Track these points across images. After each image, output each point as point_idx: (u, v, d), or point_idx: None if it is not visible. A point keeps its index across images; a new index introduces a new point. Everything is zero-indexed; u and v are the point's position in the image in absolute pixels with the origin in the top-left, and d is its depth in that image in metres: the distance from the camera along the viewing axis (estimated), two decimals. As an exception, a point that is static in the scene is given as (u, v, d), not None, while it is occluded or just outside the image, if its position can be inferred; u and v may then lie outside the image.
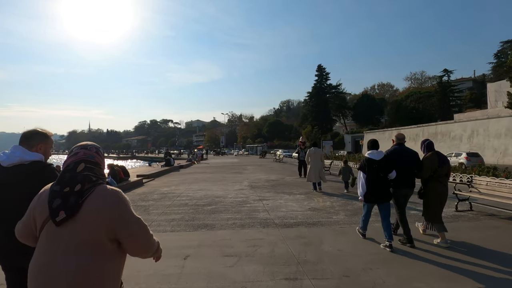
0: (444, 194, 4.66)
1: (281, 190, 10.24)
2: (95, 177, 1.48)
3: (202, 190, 10.49)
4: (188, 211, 7.16)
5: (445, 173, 4.67)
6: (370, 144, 4.76)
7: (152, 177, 15.21)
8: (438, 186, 4.61)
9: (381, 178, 4.49)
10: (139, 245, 1.51)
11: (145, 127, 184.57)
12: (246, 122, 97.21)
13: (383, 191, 4.52)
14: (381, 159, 4.52)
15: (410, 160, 4.70)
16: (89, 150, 1.57)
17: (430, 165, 4.59)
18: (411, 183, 4.70)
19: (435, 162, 4.57)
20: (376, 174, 4.48)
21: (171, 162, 21.71)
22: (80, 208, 1.39)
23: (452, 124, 33.90)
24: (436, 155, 4.64)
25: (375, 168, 4.47)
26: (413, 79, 79.73)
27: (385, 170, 4.49)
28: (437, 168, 4.57)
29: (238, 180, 13.57)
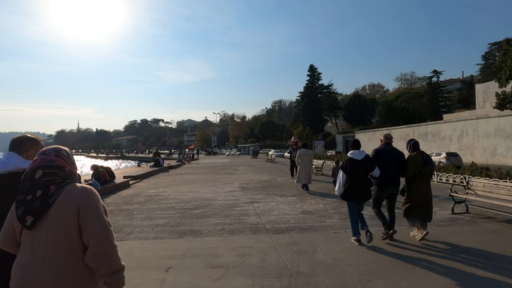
0: (426, 193, 4.72)
1: (273, 191, 9.92)
2: (60, 179, 1.50)
3: (190, 192, 10.09)
4: (174, 216, 6.77)
5: (428, 173, 4.77)
6: (352, 144, 4.85)
7: (140, 178, 14.71)
8: (421, 185, 4.70)
9: (362, 177, 4.56)
10: (96, 247, 1.44)
11: (136, 127, 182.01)
12: (238, 122, 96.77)
13: (364, 190, 4.59)
14: (363, 159, 4.56)
15: (396, 160, 4.76)
16: (47, 155, 1.56)
17: (414, 164, 4.66)
18: (396, 182, 4.76)
19: (419, 162, 4.65)
20: (358, 173, 4.53)
21: (160, 162, 21.17)
22: (48, 210, 1.43)
23: (442, 124, 34.22)
24: (421, 155, 4.72)
25: (357, 168, 4.52)
26: (403, 80, 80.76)
27: (367, 170, 4.56)
28: (421, 168, 4.64)
29: (228, 181, 13.20)
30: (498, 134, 26.80)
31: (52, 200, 1.44)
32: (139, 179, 14.38)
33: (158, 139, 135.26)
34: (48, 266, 1.40)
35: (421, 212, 4.67)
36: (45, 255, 1.41)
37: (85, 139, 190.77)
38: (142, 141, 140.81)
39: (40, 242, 1.43)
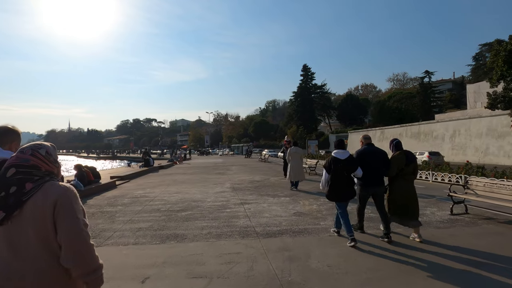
0: (409, 191, 4.75)
1: (265, 192, 9.55)
2: (38, 177, 1.45)
3: (179, 193, 9.65)
4: (159, 218, 6.34)
5: (412, 172, 4.80)
6: (336, 144, 4.89)
7: (128, 178, 14.19)
8: (404, 183, 4.73)
9: (346, 177, 4.59)
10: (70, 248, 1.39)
11: (128, 126, 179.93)
12: (232, 122, 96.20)
13: (347, 189, 4.61)
14: (346, 159, 4.59)
15: (379, 159, 4.80)
16: (24, 153, 1.50)
17: (397, 163, 4.69)
18: (380, 182, 4.78)
19: (402, 161, 4.68)
20: (341, 173, 4.56)
21: (150, 162, 20.62)
22: (23, 206, 1.39)
23: (435, 123, 34.34)
24: (404, 154, 4.75)
25: (340, 167, 4.56)
26: (396, 80, 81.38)
27: (350, 169, 4.60)
28: (404, 167, 4.68)
29: (220, 181, 12.79)
30: (490, 134, 26.93)
31: (27, 198, 1.39)
32: (127, 180, 13.86)
33: (150, 139, 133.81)
34: (26, 264, 1.37)
35: (407, 211, 4.67)
36: (23, 253, 1.38)
37: (76, 139, 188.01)
38: (134, 141, 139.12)
39: (16, 240, 1.39)
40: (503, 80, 30.00)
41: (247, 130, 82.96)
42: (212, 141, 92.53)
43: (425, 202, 7.69)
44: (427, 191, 9.55)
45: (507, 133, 25.36)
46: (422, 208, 6.97)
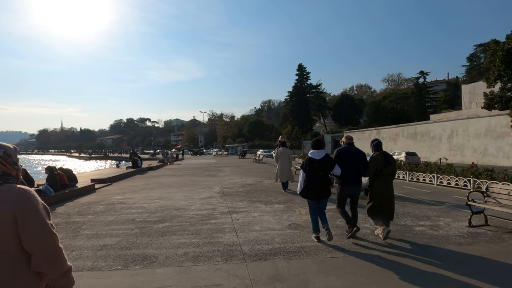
0: (387, 192, 4.77)
1: (257, 197, 8.63)
2: None
3: (161, 199, 8.68)
4: (131, 232, 5.39)
5: (391, 172, 4.84)
6: (312, 144, 4.85)
7: (110, 181, 13.15)
8: (382, 184, 4.75)
9: (321, 176, 4.57)
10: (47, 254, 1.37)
11: (122, 126, 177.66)
12: (227, 122, 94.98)
13: (322, 189, 4.60)
14: (321, 158, 4.58)
15: (358, 159, 4.81)
16: None
17: (375, 164, 4.72)
18: (357, 181, 4.83)
19: (380, 162, 4.71)
20: (316, 172, 4.55)
21: (138, 163, 19.57)
22: None
23: (432, 124, 33.79)
24: (382, 155, 4.80)
25: (315, 167, 4.56)
26: (390, 81, 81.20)
27: (326, 169, 4.60)
28: (382, 168, 4.70)
29: (209, 185, 11.83)
30: (489, 134, 26.40)
31: None
32: (109, 183, 12.83)
33: (144, 139, 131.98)
34: None
35: (382, 211, 4.71)
36: None
37: (68, 139, 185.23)
38: (127, 141, 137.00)
39: None
40: (500, 80, 29.57)
41: (242, 130, 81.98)
42: (206, 141, 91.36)
43: (436, 210, 6.85)
44: (434, 196, 8.73)
45: (506, 134, 24.84)
46: (434, 217, 6.15)
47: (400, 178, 12.75)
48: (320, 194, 4.61)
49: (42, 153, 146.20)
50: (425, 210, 6.81)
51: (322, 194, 4.62)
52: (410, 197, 8.62)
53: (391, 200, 4.79)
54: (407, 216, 6.29)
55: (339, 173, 4.66)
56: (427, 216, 6.30)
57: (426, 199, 8.27)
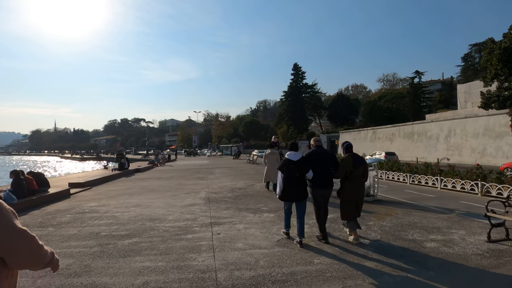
0: (358, 194, 4.80)
1: (246, 204, 7.77)
2: None
3: (138, 207, 7.78)
4: (89, 251, 4.50)
5: (362, 174, 4.83)
6: (290, 146, 4.93)
7: (89, 185, 12.19)
8: (353, 186, 4.76)
9: (297, 178, 4.61)
10: (23, 260, 1.36)
11: (116, 126, 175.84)
12: (222, 122, 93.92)
13: (299, 190, 4.63)
14: (298, 160, 4.65)
15: (327, 161, 4.82)
16: None
17: (344, 166, 4.75)
18: (328, 183, 4.80)
19: (349, 164, 4.73)
20: (293, 174, 4.59)
21: (125, 165, 18.58)
22: None
23: (429, 123, 33.23)
24: (351, 157, 4.80)
25: (292, 168, 4.60)
26: (385, 81, 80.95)
27: (302, 170, 4.62)
28: (352, 169, 4.72)
29: (195, 189, 10.94)
30: (488, 134, 25.86)
31: None
32: (88, 187, 11.86)
33: (138, 139, 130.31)
34: None
35: (354, 213, 4.74)
36: None
37: (61, 139, 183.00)
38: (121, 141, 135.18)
39: None
40: (497, 79, 29.11)
41: (237, 130, 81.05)
42: (201, 142, 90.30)
43: (445, 220, 6.05)
44: (440, 202, 7.94)
45: (505, 133, 24.30)
46: (446, 229, 5.33)
47: (400, 180, 11.98)
48: (297, 195, 4.64)
49: (34, 154, 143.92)
50: (433, 220, 6.01)
51: (300, 195, 4.64)
52: (414, 203, 7.83)
53: (361, 201, 4.86)
54: (414, 228, 5.49)
55: (311, 176, 4.69)
56: (437, 227, 5.49)
57: (432, 205, 7.48)
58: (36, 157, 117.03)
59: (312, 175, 4.66)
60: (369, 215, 6.45)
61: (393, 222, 5.89)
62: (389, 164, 13.21)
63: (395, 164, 12.97)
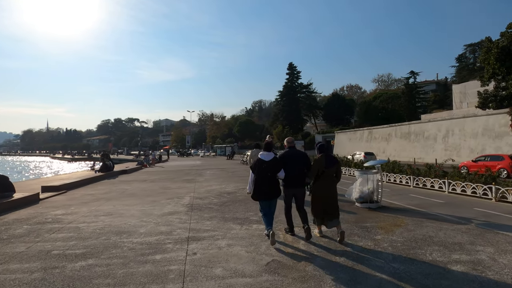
0: (329, 193, 4.84)
1: (233, 213, 6.82)
2: None
3: (109, 216, 6.78)
4: (26, 279, 3.50)
5: (334, 174, 4.89)
6: (263, 146, 5.05)
7: (65, 189, 11.10)
8: (324, 185, 4.83)
9: (269, 177, 4.70)
10: None
11: (109, 126, 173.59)
12: (217, 122, 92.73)
13: (270, 189, 4.69)
14: (270, 160, 4.75)
15: (299, 162, 4.92)
16: None
17: (316, 166, 4.83)
18: (300, 183, 4.90)
19: (322, 164, 4.81)
20: (265, 173, 4.69)
21: (109, 166, 17.49)
22: None
23: (426, 123, 32.62)
24: (324, 157, 4.87)
25: (264, 168, 4.70)
26: (380, 81, 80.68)
27: (274, 170, 4.73)
28: (324, 169, 4.80)
29: (180, 193, 9.95)
30: (487, 134, 25.27)
31: None
32: (63, 191, 10.78)
33: (131, 139, 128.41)
34: None
35: (325, 211, 4.78)
36: None
37: (54, 139, 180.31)
38: (114, 141, 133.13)
39: None
40: (494, 78, 28.62)
41: (232, 130, 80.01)
42: (196, 142, 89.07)
43: (465, 232, 5.15)
44: (451, 209, 7.07)
45: (505, 133, 23.71)
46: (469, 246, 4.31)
47: (403, 183, 11.13)
48: (270, 194, 4.71)
49: (25, 154, 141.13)
50: (451, 233, 5.12)
51: (272, 194, 4.71)
52: (423, 210, 6.96)
53: (334, 200, 4.85)
54: (430, 243, 4.59)
55: (282, 176, 4.82)
56: (458, 243, 4.60)
57: (444, 213, 6.61)
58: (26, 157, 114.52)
59: (284, 175, 4.80)
60: (375, 226, 5.54)
61: (405, 235, 4.99)
62: (390, 166, 12.35)
63: (396, 165, 12.11)
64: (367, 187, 7.02)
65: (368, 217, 6.20)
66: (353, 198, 7.21)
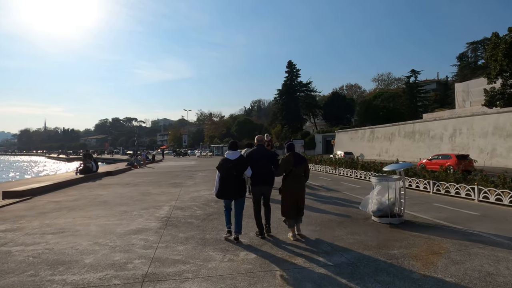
0: (298, 192, 4.82)
1: (216, 232, 5.32)
2: None
3: (59, 234, 5.29)
4: None
5: (302, 173, 4.90)
6: (229, 145, 5.03)
7: (31, 194, 9.62)
8: (293, 184, 4.81)
9: (234, 176, 4.70)
10: None
11: (107, 126, 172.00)
12: (215, 121, 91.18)
13: (235, 188, 4.72)
14: (236, 159, 4.75)
15: (267, 160, 4.94)
16: None
17: (284, 164, 4.83)
18: (268, 181, 4.90)
19: (290, 163, 4.79)
20: (230, 172, 4.69)
21: (93, 168, 15.98)
22: None
23: (432, 122, 31.20)
24: (292, 156, 4.85)
25: (230, 167, 4.70)
26: (380, 80, 79.15)
27: (239, 169, 4.74)
28: (292, 168, 4.78)
29: (159, 202, 8.46)
30: (497, 133, 23.86)
31: None
32: (28, 196, 9.28)
33: (128, 139, 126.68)
34: None
35: (293, 211, 4.77)
36: None
37: (51, 139, 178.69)
38: (111, 141, 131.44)
39: None
40: (501, 75, 27.30)
41: (230, 129, 78.50)
42: (193, 141, 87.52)
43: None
44: (494, 225, 5.59)
45: (518, 132, 22.31)
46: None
47: (420, 188, 9.69)
48: (234, 193, 4.72)
49: (22, 154, 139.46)
50: (515, 266, 3.67)
51: (237, 193, 4.72)
52: (458, 227, 5.49)
53: (301, 199, 4.83)
54: (495, 286, 3.14)
55: (249, 174, 4.81)
56: (536, 287, 3.14)
57: (488, 232, 5.14)
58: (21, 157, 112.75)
59: (250, 173, 4.80)
60: (407, 255, 4.08)
61: (452, 271, 3.53)
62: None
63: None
64: (387, 197, 5.58)
65: (392, 239, 4.75)
66: (369, 211, 5.76)
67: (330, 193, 9.63)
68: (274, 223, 5.40)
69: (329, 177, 14.86)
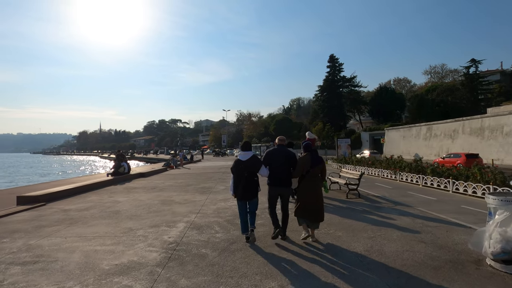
0: (314, 193, 4.72)
1: (234, 282, 3.53)
2: None
3: (31, 264, 3.90)
4: None
5: (319, 173, 4.85)
6: (241, 146, 4.98)
7: (46, 200, 8.75)
8: (309, 185, 4.73)
9: (246, 177, 4.62)
10: None
11: (154, 127, 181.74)
12: (253, 121, 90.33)
13: (248, 189, 4.63)
14: (247, 160, 4.68)
15: (286, 160, 4.81)
16: None
17: (302, 165, 4.75)
18: (286, 183, 4.80)
19: (307, 163, 4.73)
20: (241, 173, 4.64)
21: (125, 169, 15.28)
22: None
23: (507, 116, 26.19)
24: (310, 156, 4.80)
25: (241, 168, 4.65)
26: (433, 73, 70.77)
27: (251, 169, 4.65)
28: (309, 169, 4.72)
29: (177, 215, 6.91)
30: None
31: None
32: (42, 203, 8.39)
33: (173, 139, 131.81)
34: None
35: (308, 212, 4.67)
36: None
37: (105, 140, 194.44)
38: (157, 141, 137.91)
39: None
40: None
41: (268, 128, 76.86)
42: (233, 141, 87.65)
43: None
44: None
45: None
46: None
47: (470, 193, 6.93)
48: (245, 195, 4.62)
49: (80, 154, 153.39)
50: None
51: (247, 195, 4.62)
52: None
53: (318, 201, 4.71)
54: None
55: (266, 174, 4.76)
56: None
57: None
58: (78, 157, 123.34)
59: (266, 173, 4.73)
60: None
61: None
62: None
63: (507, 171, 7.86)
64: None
65: None
66: (487, 252, 3.52)
67: (398, 208, 7.28)
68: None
69: (387, 183, 12.24)
